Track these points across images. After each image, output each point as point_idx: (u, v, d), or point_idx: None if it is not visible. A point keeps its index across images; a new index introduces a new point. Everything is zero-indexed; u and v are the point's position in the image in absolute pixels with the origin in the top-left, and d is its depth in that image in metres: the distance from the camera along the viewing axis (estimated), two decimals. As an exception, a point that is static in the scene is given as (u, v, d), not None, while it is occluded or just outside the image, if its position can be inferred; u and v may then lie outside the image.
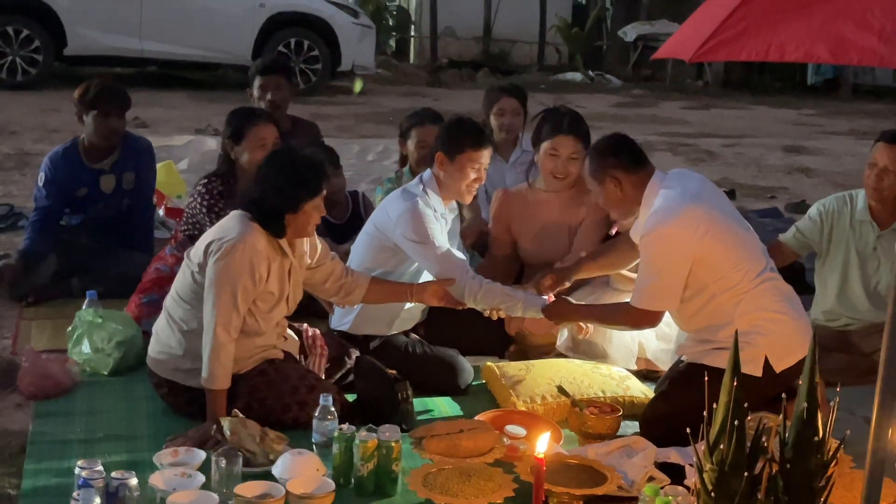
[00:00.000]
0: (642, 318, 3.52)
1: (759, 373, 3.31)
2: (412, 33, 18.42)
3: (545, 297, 3.84)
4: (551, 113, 4.41)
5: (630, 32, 17.13)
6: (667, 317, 3.62)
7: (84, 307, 4.11)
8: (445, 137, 3.98)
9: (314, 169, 3.52)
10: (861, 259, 4.26)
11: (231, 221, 3.51)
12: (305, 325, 3.90)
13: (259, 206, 3.47)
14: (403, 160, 5.08)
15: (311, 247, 3.71)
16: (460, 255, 3.93)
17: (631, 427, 3.59)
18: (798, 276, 4.90)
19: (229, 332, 3.38)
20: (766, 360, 3.35)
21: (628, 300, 3.56)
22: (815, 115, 13.33)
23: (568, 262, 4.11)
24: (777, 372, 3.34)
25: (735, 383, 2.42)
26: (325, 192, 3.52)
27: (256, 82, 5.26)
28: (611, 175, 3.53)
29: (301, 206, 3.45)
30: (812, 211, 4.41)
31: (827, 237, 4.31)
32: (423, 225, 3.84)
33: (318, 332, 3.87)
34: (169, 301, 3.61)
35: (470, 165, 3.92)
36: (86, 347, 3.96)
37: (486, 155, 3.96)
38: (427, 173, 4.02)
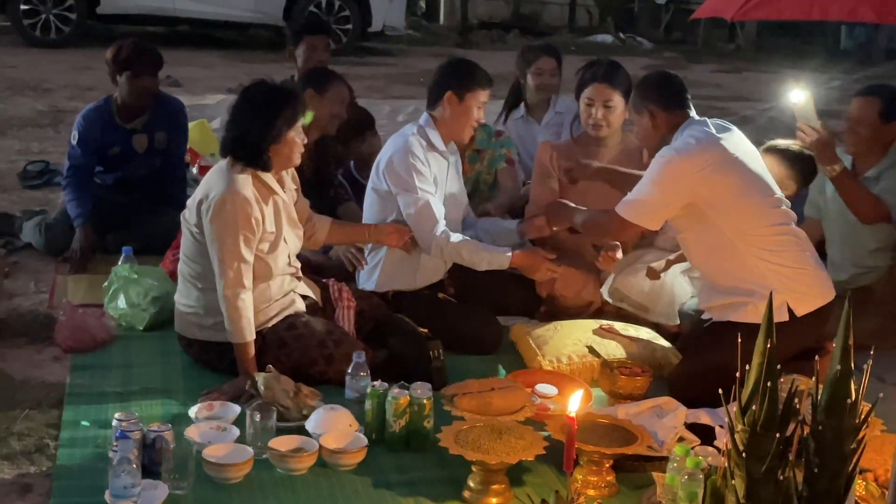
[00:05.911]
0: (619, 227, 3.57)
1: (785, 317, 3.35)
2: (442, -6, 18.32)
3: (510, 252, 3.89)
4: (592, 64, 4.42)
5: (662, -6, 16.97)
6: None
7: (120, 263, 4.15)
8: (455, 76, 4.04)
9: (289, 96, 3.49)
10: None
11: (214, 176, 3.49)
12: (332, 279, 3.91)
13: (241, 143, 3.44)
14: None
15: (294, 182, 3.72)
16: (440, 206, 3.95)
17: (660, 388, 3.56)
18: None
19: (242, 283, 3.39)
20: (789, 308, 3.39)
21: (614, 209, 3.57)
22: (849, 80, 13.14)
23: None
24: (799, 316, 3.39)
25: (769, 345, 2.41)
26: (303, 118, 3.51)
27: (304, 42, 5.22)
28: (648, 108, 3.62)
29: (283, 135, 3.44)
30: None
31: (823, 195, 4.40)
32: (410, 168, 3.92)
33: (344, 285, 3.88)
34: (180, 265, 3.63)
35: (477, 105, 4.01)
36: (122, 302, 3.99)
37: (488, 95, 4.06)
38: (424, 117, 4.09)
